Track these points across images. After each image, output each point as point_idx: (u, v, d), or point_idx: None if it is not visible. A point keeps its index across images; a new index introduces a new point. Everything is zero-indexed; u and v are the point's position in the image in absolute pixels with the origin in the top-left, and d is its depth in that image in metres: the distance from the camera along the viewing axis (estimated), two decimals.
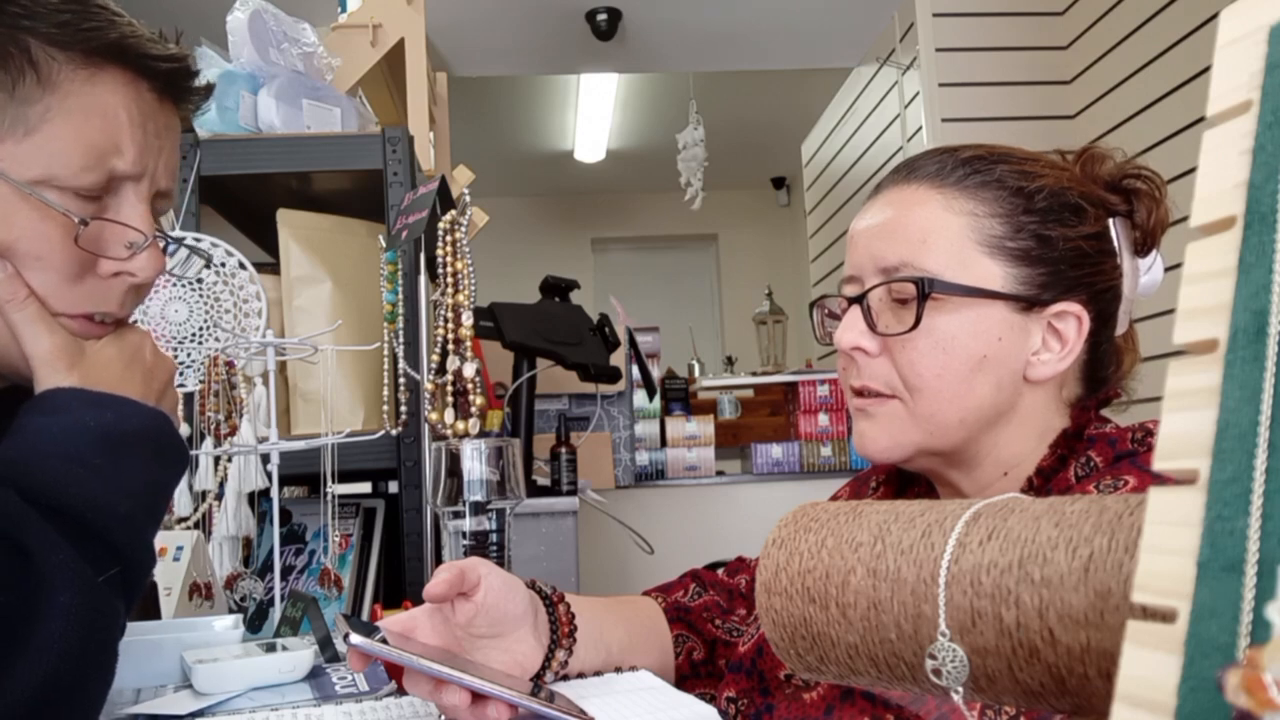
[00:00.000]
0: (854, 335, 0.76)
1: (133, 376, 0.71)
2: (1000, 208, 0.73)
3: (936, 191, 0.75)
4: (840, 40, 3.92)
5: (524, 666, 0.74)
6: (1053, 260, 0.73)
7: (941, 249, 0.73)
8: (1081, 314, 0.73)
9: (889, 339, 0.74)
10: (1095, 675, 0.33)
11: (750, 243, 6.78)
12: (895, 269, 0.74)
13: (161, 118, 0.71)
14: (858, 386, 0.77)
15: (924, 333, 0.73)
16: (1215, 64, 0.26)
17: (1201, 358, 0.24)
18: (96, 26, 0.67)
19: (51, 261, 0.67)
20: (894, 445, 0.76)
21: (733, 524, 3.02)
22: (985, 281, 0.72)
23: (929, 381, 0.73)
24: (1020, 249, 0.73)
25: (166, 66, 0.71)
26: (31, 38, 0.65)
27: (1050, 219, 0.73)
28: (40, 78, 0.65)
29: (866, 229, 0.77)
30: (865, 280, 0.77)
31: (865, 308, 0.76)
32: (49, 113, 0.65)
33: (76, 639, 0.58)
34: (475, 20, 3.64)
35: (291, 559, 1.37)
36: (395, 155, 1.45)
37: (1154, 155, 2.68)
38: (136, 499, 0.66)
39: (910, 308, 0.73)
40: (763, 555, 0.45)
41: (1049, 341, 0.74)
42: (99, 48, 0.67)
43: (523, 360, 2.21)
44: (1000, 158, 0.76)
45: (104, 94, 0.67)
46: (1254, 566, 0.22)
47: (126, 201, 0.70)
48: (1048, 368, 0.74)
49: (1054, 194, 0.74)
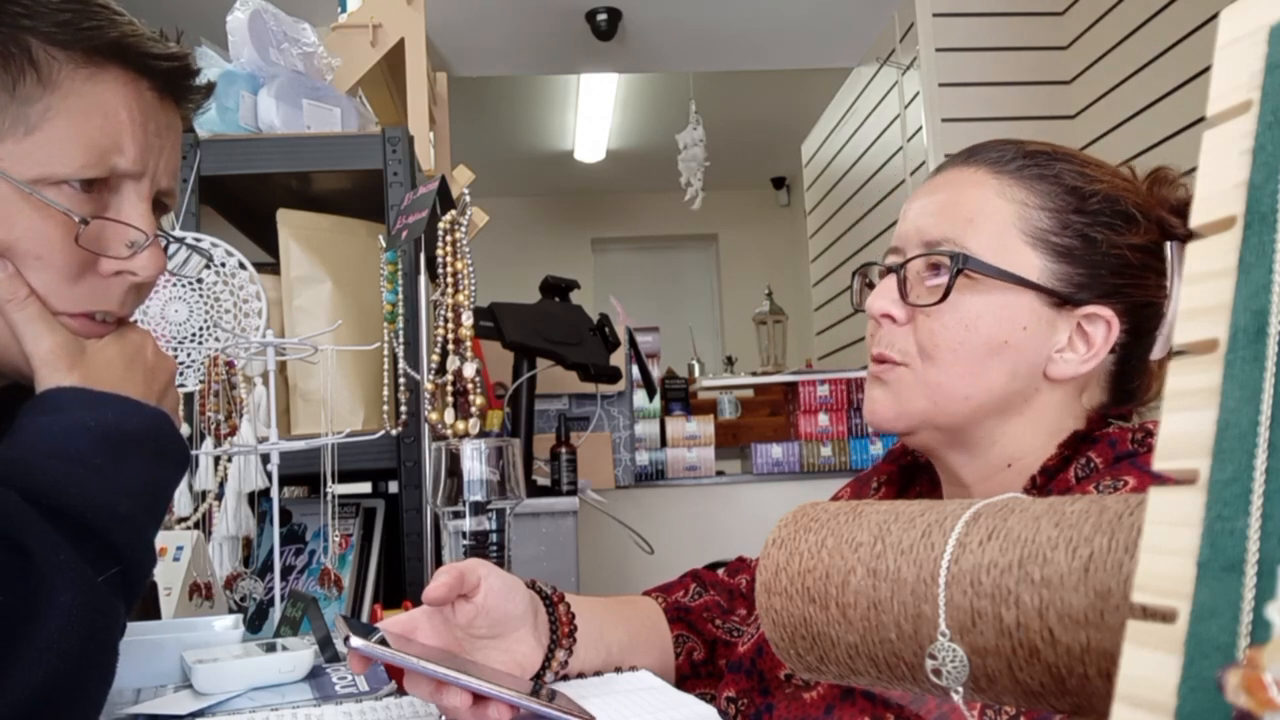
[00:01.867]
0: (884, 303, 0.77)
1: (134, 376, 0.70)
2: (1052, 202, 0.74)
3: (993, 176, 0.76)
4: (840, 40, 3.92)
5: (524, 667, 0.74)
6: (1094, 262, 0.73)
7: (986, 231, 0.74)
8: (1112, 320, 0.73)
9: (917, 309, 0.76)
10: (1095, 675, 0.33)
11: (750, 243, 6.78)
12: (937, 243, 0.75)
13: (162, 117, 0.71)
14: (876, 354, 0.78)
15: (950, 307, 0.74)
16: (1215, 64, 0.26)
17: (1201, 358, 0.24)
18: (97, 25, 0.67)
19: (52, 261, 0.67)
20: (900, 414, 0.77)
21: (733, 524, 3.02)
22: (1022, 270, 0.73)
23: (944, 353, 0.74)
24: (1063, 245, 0.73)
25: (167, 65, 0.71)
26: (32, 37, 0.65)
27: (1099, 222, 0.74)
28: (41, 77, 0.65)
29: (918, 204, 0.79)
30: (907, 251, 0.78)
31: (901, 278, 0.77)
32: (49, 112, 0.65)
33: (77, 639, 0.58)
34: (475, 20, 3.64)
35: (291, 559, 1.37)
36: (395, 155, 1.45)
37: (1154, 155, 2.68)
38: (137, 499, 0.65)
39: (943, 282, 0.74)
40: (763, 555, 0.45)
41: (1075, 342, 0.74)
42: (99, 47, 0.67)
43: (523, 360, 2.21)
44: (1064, 157, 0.77)
45: (104, 93, 0.67)
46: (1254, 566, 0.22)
47: (127, 200, 0.70)
48: (1069, 367, 0.74)
49: (1108, 199, 0.74)
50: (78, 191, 0.66)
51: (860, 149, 3.99)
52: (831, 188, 4.38)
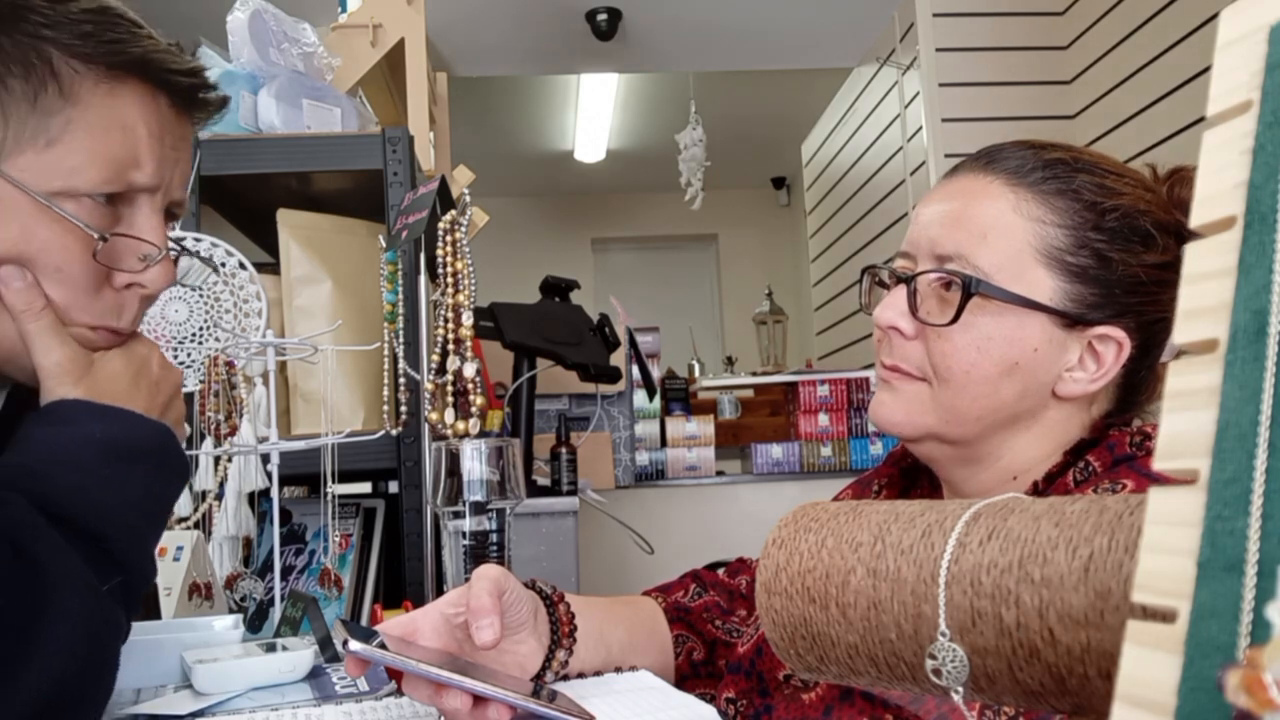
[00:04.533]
0: (893, 315, 0.76)
1: (139, 389, 0.71)
2: (1069, 219, 0.72)
3: (1010, 190, 0.74)
4: (840, 40, 3.92)
5: (524, 667, 0.74)
6: (1108, 282, 0.72)
7: (999, 249, 0.72)
8: (1124, 340, 0.72)
9: (926, 326, 0.75)
10: (1095, 675, 0.33)
11: (750, 243, 6.78)
12: (949, 258, 0.74)
13: (178, 130, 0.71)
14: (890, 364, 0.78)
15: (961, 328, 0.73)
16: (1215, 64, 0.26)
17: (1201, 358, 0.24)
18: (118, 39, 0.66)
19: (71, 273, 0.67)
20: (908, 422, 0.76)
21: (733, 524, 3.02)
22: (1034, 292, 0.72)
23: (956, 375, 0.73)
24: (1078, 265, 0.72)
25: (187, 82, 0.71)
26: (54, 49, 0.64)
27: (1117, 241, 0.72)
28: (63, 89, 0.64)
29: (931, 210, 0.77)
30: (918, 261, 0.77)
31: (911, 290, 0.76)
32: (70, 125, 0.65)
33: (82, 645, 0.58)
34: (475, 20, 3.64)
35: (291, 559, 1.37)
36: (395, 155, 1.45)
37: (1154, 155, 2.68)
38: (140, 510, 0.66)
39: (954, 299, 0.73)
40: (763, 555, 0.45)
41: (1086, 361, 0.73)
42: (122, 61, 0.66)
43: (523, 360, 2.21)
44: (1085, 167, 0.74)
45: (125, 107, 0.67)
46: (1254, 566, 0.22)
47: (141, 213, 0.70)
48: (1079, 386, 0.73)
49: (1128, 216, 0.73)
50: (94, 205, 0.66)
51: (860, 149, 3.99)
52: (832, 188, 4.38)
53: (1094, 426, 0.75)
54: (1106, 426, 0.75)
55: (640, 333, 2.94)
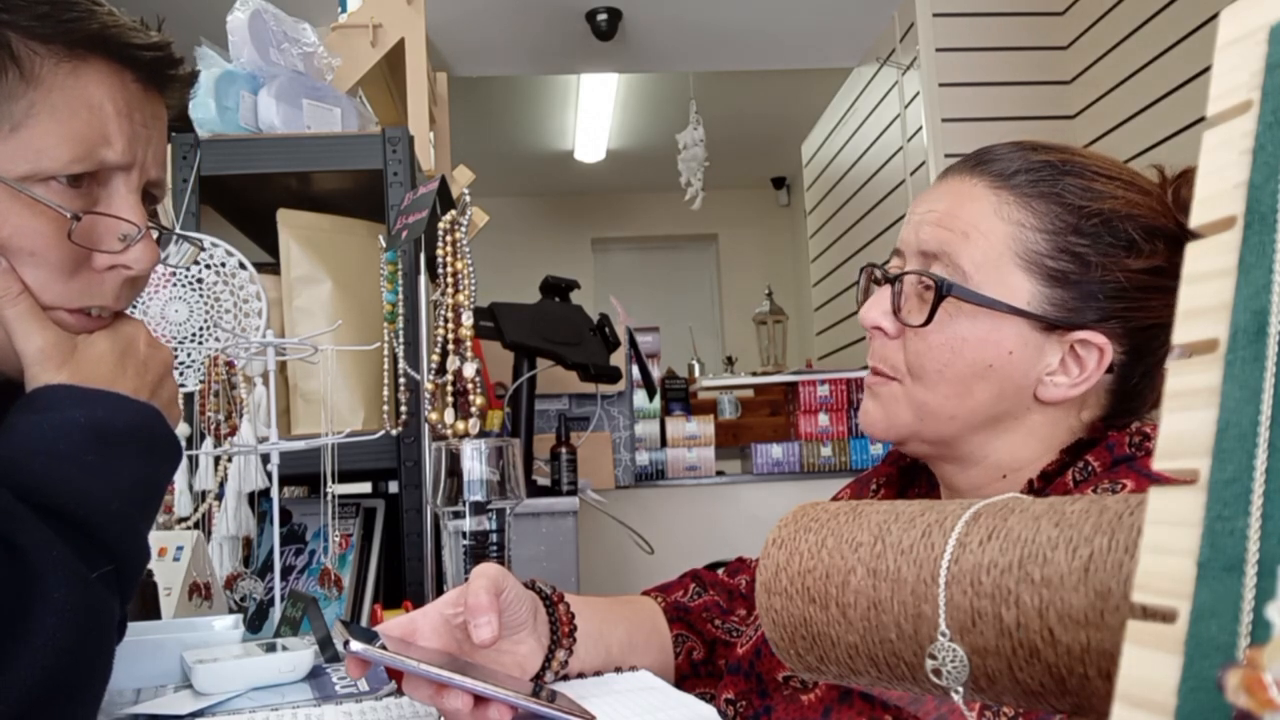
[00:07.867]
0: (875, 314, 0.78)
1: (125, 371, 0.70)
2: (1050, 223, 0.72)
3: (993, 192, 0.74)
4: (840, 40, 3.92)
5: (524, 667, 0.74)
6: (1089, 287, 0.71)
7: (979, 249, 0.72)
8: (1105, 346, 0.71)
9: (906, 325, 0.76)
10: (1095, 675, 0.33)
11: (750, 243, 6.78)
12: (933, 256, 0.74)
13: (148, 107, 0.71)
14: (871, 366, 0.79)
15: (938, 328, 0.73)
16: (1215, 64, 0.26)
17: (1202, 358, 0.24)
18: (76, 17, 0.66)
19: (46, 257, 0.66)
20: (889, 426, 0.78)
21: (733, 524, 3.02)
22: (1010, 296, 0.71)
23: (929, 374, 0.74)
24: (1058, 270, 0.71)
25: (150, 55, 0.70)
26: (11, 31, 0.64)
27: (1099, 246, 0.71)
28: (23, 73, 0.64)
29: (921, 209, 0.78)
30: (907, 258, 0.77)
31: (896, 290, 0.77)
32: (34, 108, 0.64)
33: (72, 636, 0.58)
34: (475, 20, 3.64)
35: (291, 559, 1.37)
36: (395, 155, 1.45)
37: (1154, 155, 2.68)
38: (129, 495, 0.65)
39: (931, 300, 0.74)
40: (763, 555, 0.45)
41: (1068, 365, 0.72)
42: (81, 39, 0.66)
43: (523, 360, 2.21)
44: (1073, 170, 0.73)
45: (88, 86, 0.66)
46: (1254, 566, 0.22)
47: (117, 193, 0.69)
48: (1060, 390, 0.72)
49: (1112, 220, 0.71)
50: (66, 187, 0.66)
51: (860, 149, 3.99)
52: (832, 188, 4.38)
53: (1088, 430, 0.75)
54: (1106, 428, 0.75)
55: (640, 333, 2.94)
